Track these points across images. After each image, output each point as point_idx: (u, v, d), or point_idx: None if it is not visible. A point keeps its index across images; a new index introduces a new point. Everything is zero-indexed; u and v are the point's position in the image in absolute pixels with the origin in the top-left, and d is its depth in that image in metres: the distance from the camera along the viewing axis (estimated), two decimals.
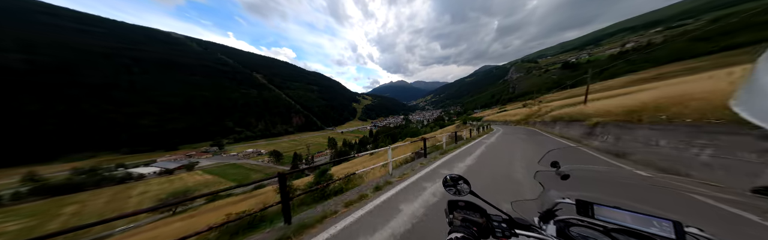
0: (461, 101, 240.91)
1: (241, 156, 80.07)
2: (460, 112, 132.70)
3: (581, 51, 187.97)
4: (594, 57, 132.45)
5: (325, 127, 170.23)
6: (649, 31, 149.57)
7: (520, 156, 5.85)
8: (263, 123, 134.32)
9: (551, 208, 0.81)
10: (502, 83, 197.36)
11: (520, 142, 9.25)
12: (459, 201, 0.81)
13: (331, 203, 3.14)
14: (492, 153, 6.73)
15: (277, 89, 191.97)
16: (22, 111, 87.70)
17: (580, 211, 0.71)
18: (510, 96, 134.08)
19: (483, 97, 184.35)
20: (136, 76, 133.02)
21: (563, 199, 0.81)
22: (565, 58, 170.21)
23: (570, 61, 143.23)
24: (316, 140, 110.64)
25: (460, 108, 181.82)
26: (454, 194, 0.83)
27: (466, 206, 0.79)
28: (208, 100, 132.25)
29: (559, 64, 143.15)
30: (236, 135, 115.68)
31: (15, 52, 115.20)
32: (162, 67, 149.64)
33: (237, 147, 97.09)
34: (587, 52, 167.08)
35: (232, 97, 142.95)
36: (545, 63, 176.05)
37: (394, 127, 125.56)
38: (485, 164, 5.05)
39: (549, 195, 0.86)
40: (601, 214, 0.67)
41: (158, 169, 58.21)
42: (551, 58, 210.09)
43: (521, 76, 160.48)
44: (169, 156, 79.00)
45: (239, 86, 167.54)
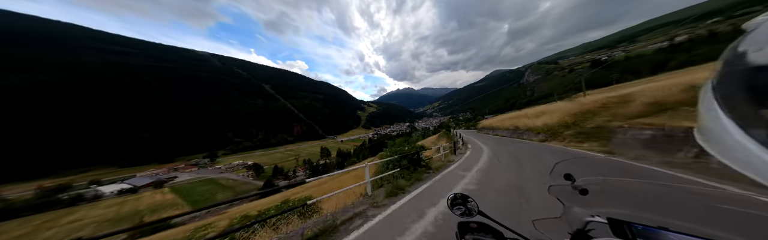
0: (471, 107, 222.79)
1: (223, 169, 72.35)
2: (470, 119, 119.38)
3: (612, 49, 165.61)
4: (634, 53, 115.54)
5: (327, 136, 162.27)
6: (704, 22, 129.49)
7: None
8: (263, 133, 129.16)
9: (582, 228, 0.65)
10: (518, 87, 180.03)
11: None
12: (470, 222, 0.70)
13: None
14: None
15: (282, 99, 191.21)
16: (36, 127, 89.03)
17: (616, 232, 0.56)
18: (528, 99, 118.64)
19: (496, 101, 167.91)
20: (154, 91, 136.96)
21: (593, 218, 0.65)
22: (593, 57, 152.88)
23: (601, 59, 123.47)
24: (313, 150, 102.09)
25: (469, 114, 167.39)
26: (463, 215, 0.73)
27: (479, 228, 0.68)
28: (213, 111, 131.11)
29: (587, 63, 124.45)
30: (234, 146, 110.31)
31: (58, 73, 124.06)
32: (179, 82, 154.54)
33: (230, 158, 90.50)
34: (621, 50, 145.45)
35: (236, 109, 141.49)
36: (568, 64, 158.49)
37: (396, 135, 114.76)
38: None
39: (574, 212, 0.69)
40: (643, 235, 0.51)
41: (124, 186, 51.37)
42: (575, 58, 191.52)
43: (539, 78, 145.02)
44: (153, 170, 73.18)
45: (247, 97, 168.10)
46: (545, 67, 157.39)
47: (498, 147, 9.12)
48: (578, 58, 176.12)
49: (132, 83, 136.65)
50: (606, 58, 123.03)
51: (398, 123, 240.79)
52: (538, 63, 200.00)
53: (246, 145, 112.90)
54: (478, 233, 0.65)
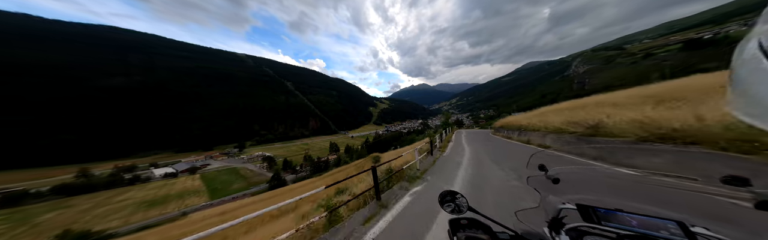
0: (495, 103, 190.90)
1: (245, 159, 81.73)
2: (492, 116, 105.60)
3: (720, 25, 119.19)
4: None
5: (339, 131, 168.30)
6: None
7: None
8: (283, 126, 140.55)
9: (557, 216, 0.71)
10: (561, 79, 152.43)
11: None
12: (461, 219, 0.70)
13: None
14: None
15: (301, 95, 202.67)
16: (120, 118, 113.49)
17: (585, 216, 0.64)
18: (576, 92, 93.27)
19: (528, 97, 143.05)
20: (202, 88, 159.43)
21: (564, 205, 0.72)
22: (680, 38, 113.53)
23: (703, 37, 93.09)
24: (324, 145, 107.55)
25: (492, 111, 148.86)
26: (454, 212, 0.74)
27: (470, 224, 0.68)
28: (246, 106, 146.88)
29: (675, 45, 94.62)
30: (259, 137, 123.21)
31: (137, 76, 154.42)
32: (221, 80, 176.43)
33: (254, 149, 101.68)
34: (738, 23, 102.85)
35: (262, 104, 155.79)
36: (640, 48, 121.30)
37: (407, 132, 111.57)
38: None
39: (549, 201, 0.76)
40: (606, 218, 0.61)
41: (169, 170, 62.41)
42: (651, 41, 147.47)
43: (594, 67, 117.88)
44: (195, 156, 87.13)
45: (272, 93, 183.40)
46: (603, 55, 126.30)
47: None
48: (656, 41, 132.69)
49: (189, 82, 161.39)
50: (709, 36, 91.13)
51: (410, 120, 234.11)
52: (591, 51, 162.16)
53: (268, 138, 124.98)
54: (469, 230, 0.65)
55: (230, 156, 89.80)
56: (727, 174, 0.54)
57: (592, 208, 0.63)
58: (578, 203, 0.66)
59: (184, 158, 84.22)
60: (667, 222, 0.53)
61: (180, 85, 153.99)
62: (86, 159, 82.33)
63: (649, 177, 0.79)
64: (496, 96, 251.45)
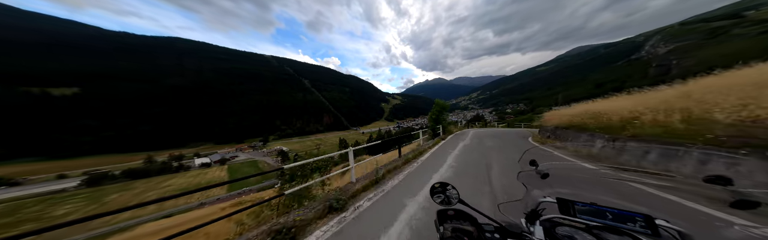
0: (527, 97, 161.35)
1: (266, 153, 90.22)
2: (523, 111, 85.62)
3: None
4: None
5: (351, 127, 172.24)
6: None
7: None
8: (300, 122, 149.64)
9: (535, 208, 0.75)
10: (628, 64, 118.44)
11: None
12: (448, 210, 0.73)
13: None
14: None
15: (316, 92, 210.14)
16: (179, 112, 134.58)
17: (563, 209, 0.68)
18: (654, 79, 62.71)
19: (576, 87, 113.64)
20: (235, 86, 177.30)
21: (545, 198, 0.76)
22: None
23: None
24: (336, 140, 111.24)
25: (523, 105, 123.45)
26: (443, 203, 0.75)
27: (456, 215, 0.71)
28: (269, 102, 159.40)
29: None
30: (280, 132, 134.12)
31: (189, 76, 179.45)
32: (250, 79, 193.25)
33: (275, 143, 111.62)
34: None
35: (283, 100, 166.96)
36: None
37: (419, 128, 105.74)
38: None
39: (532, 195, 0.80)
40: (581, 211, 0.65)
41: (205, 161, 72.84)
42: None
43: (689, 44, 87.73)
44: (228, 148, 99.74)
45: (291, 91, 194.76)
46: (703, 28, 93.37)
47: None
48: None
49: (226, 81, 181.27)
50: None
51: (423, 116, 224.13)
52: (679, 24, 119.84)
53: (287, 133, 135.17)
54: (456, 221, 0.67)
55: (255, 149, 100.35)
56: (711, 173, 0.56)
57: (570, 202, 0.66)
58: (558, 197, 0.70)
59: (220, 150, 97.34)
60: (635, 215, 0.57)
61: (220, 84, 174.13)
62: (156, 147, 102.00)
63: (623, 173, 0.84)
64: (528, 88, 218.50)
